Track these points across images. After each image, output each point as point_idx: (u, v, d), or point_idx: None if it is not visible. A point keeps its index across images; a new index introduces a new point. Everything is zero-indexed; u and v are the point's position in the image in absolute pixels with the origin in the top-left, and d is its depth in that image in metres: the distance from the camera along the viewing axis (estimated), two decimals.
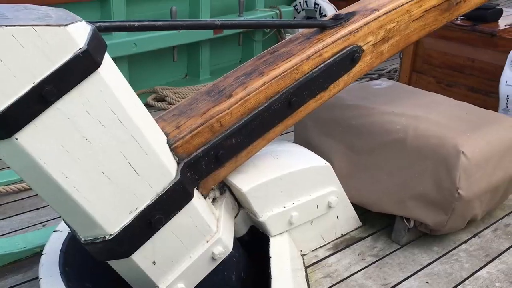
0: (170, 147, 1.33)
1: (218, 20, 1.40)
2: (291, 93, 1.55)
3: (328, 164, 1.82)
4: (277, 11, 4.38)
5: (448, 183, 1.75)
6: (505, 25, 2.91)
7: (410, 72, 3.33)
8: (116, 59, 3.73)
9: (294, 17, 4.64)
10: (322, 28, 1.65)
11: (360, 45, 1.67)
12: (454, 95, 3.06)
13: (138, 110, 1.19)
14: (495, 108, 2.77)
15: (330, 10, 4.43)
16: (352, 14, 1.71)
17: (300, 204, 1.72)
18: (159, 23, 1.25)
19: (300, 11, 4.62)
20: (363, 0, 1.83)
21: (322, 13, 4.46)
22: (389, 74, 4.03)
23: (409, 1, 1.76)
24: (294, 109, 1.58)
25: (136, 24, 1.20)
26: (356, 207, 2.00)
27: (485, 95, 2.92)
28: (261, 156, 1.68)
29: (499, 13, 3.01)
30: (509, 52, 2.68)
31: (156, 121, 1.37)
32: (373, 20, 1.68)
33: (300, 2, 4.59)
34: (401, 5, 1.74)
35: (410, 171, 1.85)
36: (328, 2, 4.49)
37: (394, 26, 1.74)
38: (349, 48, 1.64)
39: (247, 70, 1.56)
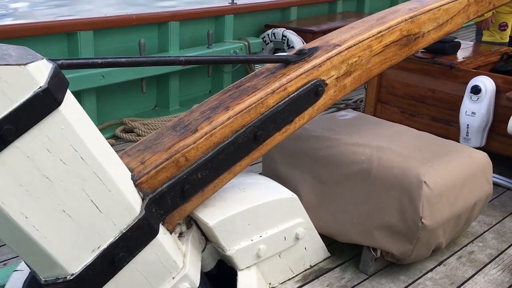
0: (134, 183, 1.32)
1: (182, 56, 1.42)
2: (256, 127, 1.57)
3: (295, 196, 1.84)
4: (246, 43, 4.45)
5: (412, 213, 1.79)
6: (463, 57, 3.04)
7: (375, 103, 3.41)
8: (83, 92, 3.70)
9: (263, 49, 4.72)
10: (286, 63, 1.69)
11: (323, 79, 1.71)
12: (417, 125, 3.16)
13: (100, 146, 1.18)
14: (457, 137, 2.86)
15: (297, 42, 4.53)
16: (315, 49, 1.76)
17: (267, 237, 1.72)
18: (122, 59, 1.25)
19: (268, 43, 4.70)
20: (326, 36, 1.88)
21: (289, 44, 4.56)
22: (356, 103, 4.12)
23: (370, 37, 1.83)
24: (260, 143, 1.60)
25: (99, 61, 1.20)
26: (324, 237, 2.01)
27: (447, 125, 3.01)
28: (228, 189, 1.69)
29: (457, 46, 3.14)
30: (467, 83, 2.79)
31: (121, 157, 1.36)
32: (335, 55, 1.73)
33: (268, 34, 4.69)
34: (362, 41, 1.81)
35: (375, 201, 1.89)
36: (295, 34, 4.59)
37: (356, 61, 1.80)
38: (312, 82, 1.68)
39: (212, 105, 1.58)
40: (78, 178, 1.12)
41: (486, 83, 2.72)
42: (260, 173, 2.44)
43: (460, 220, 1.99)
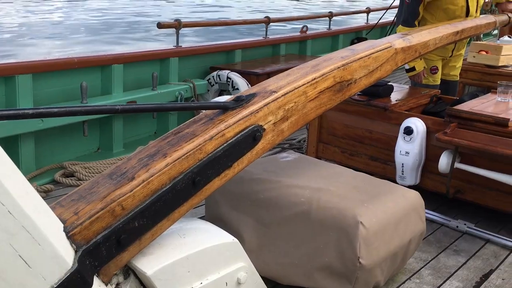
0: (67, 235, 1.28)
1: (118, 105, 1.42)
2: (195, 173, 1.57)
3: (236, 240, 1.84)
4: (191, 85, 4.51)
5: (350, 253, 1.84)
6: (396, 100, 3.21)
7: (317, 143, 3.52)
8: (21, 136, 3.59)
9: (208, 90, 4.79)
10: (225, 109, 1.73)
11: (261, 125, 1.76)
12: (357, 164, 3.28)
13: (29, 198, 1.15)
14: (394, 175, 2.99)
15: (241, 84, 4.64)
16: (252, 95, 1.81)
17: (208, 283, 1.70)
18: (55, 109, 1.24)
19: (213, 84, 4.78)
20: (263, 83, 1.95)
21: (234, 86, 4.65)
22: (299, 143, 4.23)
23: (305, 84, 1.91)
24: (199, 188, 1.61)
25: (30, 112, 1.18)
26: (267, 280, 2.01)
27: (384, 164, 3.14)
28: (167, 236, 1.67)
29: (391, 89, 3.33)
30: (400, 124, 2.94)
31: (53, 208, 1.33)
32: (272, 101, 1.79)
33: (213, 76, 4.77)
34: (298, 87, 1.88)
35: (315, 242, 1.93)
36: (240, 76, 4.70)
37: (292, 106, 1.87)
38: (250, 127, 1.72)
39: (150, 152, 1.58)
40: (5, 233, 1.08)
41: (418, 124, 2.88)
42: (203, 216, 2.44)
43: (396, 258, 2.06)
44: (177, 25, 4.64)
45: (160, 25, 4.58)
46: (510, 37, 4.56)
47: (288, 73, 2.03)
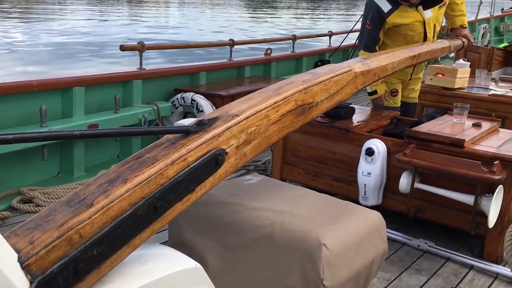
0: (21, 265, 1.23)
1: (77, 130, 1.39)
2: (156, 198, 1.55)
3: (199, 265, 1.81)
4: (155, 107, 4.48)
5: (313, 275, 1.84)
6: (358, 122, 3.28)
7: (281, 165, 3.54)
8: None
9: (172, 112, 4.76)
10: (187, 133, 1.73)
11: (223, 148, 1.76)
12: (321, 185, 3.32)
13: None
14: (357, 196, 3.03)
15: (206, 106, 4.64)
16: (215, 119, 1.82)
17: None
18: (9, 136, 1.21)
19: (178, 107, 4.76)
20: (225, 106, 1.96)
21: (199, 108, 4.65)
22: (265, 165, 4.24)
23: (267, 107, 1.93)
24: (160, 214, 1.58)
25: None
26: None
27: (347, 184, 3.19)
28: (128, 263, 1.63)
29: (352, 111, 3.40)
30: (362, 146, 3.01)
31: (8, 237, 1.28)
32: (234, 125, 1.80)
33: (177, 98, 4.75)
34: (260, 111, 1.90)
35: (279, 265, 1.92)
36: (205, 98, 4.70)
37: (254, 130, 1.88)
38: (213, 151, 1.72)
39: (110, 177, 1.55)
40: None
41: (378, 146, 2.95)
42: (166, 241, 2.40)
43: (359, 278, 2.08)
44: (141, 47, 4.62)
45: (123, 48, 4.56)
46: (465, 60, 4.76)
47: (250, 96, 2.05)
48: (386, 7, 3.44)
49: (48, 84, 3.65)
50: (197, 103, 4.63)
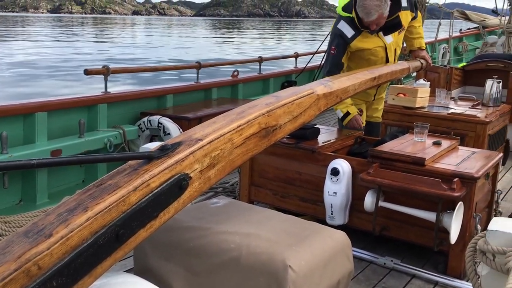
0: None
1: (34, 159, 1.37)
2: (118, 226, 1.53)
3: None
4: (121, 131, 4.43)
5: None
6: (323, 142, 3.33)
7: (249, 186, 3.55)
8: None
9: (139, 136, 4.72)
10: (149, 159, 1.72)
11: (187, 173, 1.76)
12: (289, 206, 3.33)
13: None
14: (324, 216, 3.06)
15: (173, 129, 4.62)
16: (178, 144, 1.81)
17: None
18: None
19: (144, 130, 4.73)
20: (189, 131, 1.96)
21: (166, 131, 4.63)
22: (232, 186, 4.24)
23: (231, 131, 1.94)
24: (123, 241, 1.56)
25: None
26: None
27: (314, 204, 3.22)
28: None
29: (317, 132, 3.45)
30: (327, 166, 3.05)
31: None
32: (198, 149, 1.80)
33: (144, 122, 4.72)
34: (224, 134, 1.91)
35: None
36: (171, 121, 4.69)
37: (218, 154, 1.88)
38: (176, 176, 1.71)
39: (70, 206, 1.52)
40: None
41: (343, 165, 2.99)
42: (131, 269, 2.36)
43: None
44: (105, 71, 4.59)
45: (87, 72, 4.51)
46: (425, 80, 4.92)
47: (214, 120, 2.06)
48: (349, 33, 3.55)
49: (9, 110, 3.58)
50: (163, 126, 4.61)
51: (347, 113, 3.73)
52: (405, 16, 3.68)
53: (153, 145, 2.26)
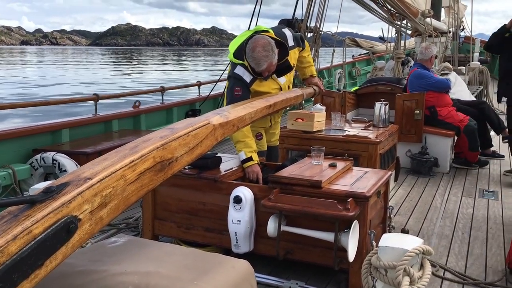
0: None
1: None
2: None
3: None
4: (11, 171, 4.12)
5: None
6: (225, 171, 3.34)
7: (152, 220, 3.44)
8: None
9: (32, 175, 4.42)
10: (32, 203, 1.60)
11: (75, 215, 1.66)
12: (194, 237, 3.28)
13: None
14: (230, 244, 3.05)
15: (70, 165, 4.39)
16: (65, 185, 1.71)
17: None
18: None
19: (37, 168, 4.43)
20: (77, 170, 1.86)
21: (61, 168, 4.37)
22: (136, 221, 4.09)
23: (123, 167, 1.87)
24: None
25: None
26: None
27: (219, 234, 3.20)
28: None
29: (219, 160, 3.46)
30: (230, 194, 3.05)
31: None
32: (87, 189, 1.71)
33: (37, 159, 4.43)
34: (115, 171, 1.84)
35: None
36: (68, 157, 4.45)
37: (110, 192, 1.80)
38: (63, 220, 1.61)
39: None
40: None
41: (245, 193, 3.02)
42: None
43: None
44: None
45: None
46: (321, 104, 5.17)
47: (105, 157, 1.98)
48: (248, 78, 3.64)
49: None
50: (59, 162, 4.36)
51: (250, 158, 3.50)
52: (293, 55, 3.86)
53: (44, 185, 2.12)
